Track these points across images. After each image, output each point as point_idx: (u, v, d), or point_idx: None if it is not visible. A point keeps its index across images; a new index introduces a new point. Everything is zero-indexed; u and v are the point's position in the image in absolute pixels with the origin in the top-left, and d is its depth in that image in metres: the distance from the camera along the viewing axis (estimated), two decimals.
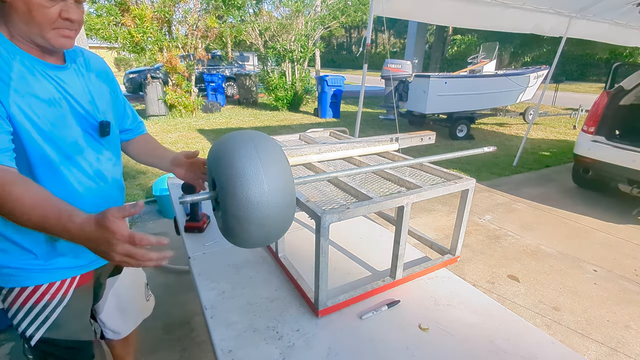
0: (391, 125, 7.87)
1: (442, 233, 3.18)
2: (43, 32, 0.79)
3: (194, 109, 8.48)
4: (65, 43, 0.83)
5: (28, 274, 0.90)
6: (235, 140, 0.79)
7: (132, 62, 21.37)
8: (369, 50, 3.65)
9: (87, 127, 0.92)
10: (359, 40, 38.91)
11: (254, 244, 0.81)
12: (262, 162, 0.74)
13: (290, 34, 9.80)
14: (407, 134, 1.46)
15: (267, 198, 0.72)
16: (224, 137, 0.82)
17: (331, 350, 0.86)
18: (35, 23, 0.77)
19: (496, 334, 0.92)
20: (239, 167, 0.72)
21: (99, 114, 0.95)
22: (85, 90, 0.93)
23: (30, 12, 0.75)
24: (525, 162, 5.46)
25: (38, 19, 0.77)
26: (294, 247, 1.31)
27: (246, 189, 0.71)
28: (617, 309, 2.26)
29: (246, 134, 0.81)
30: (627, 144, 3.51)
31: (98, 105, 0.96)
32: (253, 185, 0.72)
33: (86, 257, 0.99)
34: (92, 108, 0.93)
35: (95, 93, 0.96)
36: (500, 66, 13.29)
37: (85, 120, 0.91)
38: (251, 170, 0.72)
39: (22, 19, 0.77)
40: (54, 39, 0.80)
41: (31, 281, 0.91)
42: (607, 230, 3.32)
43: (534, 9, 4.34)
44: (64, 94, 0.87)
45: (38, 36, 0.79)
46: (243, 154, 0.74)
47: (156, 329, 1.96)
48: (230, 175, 0.73)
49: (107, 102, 1.01)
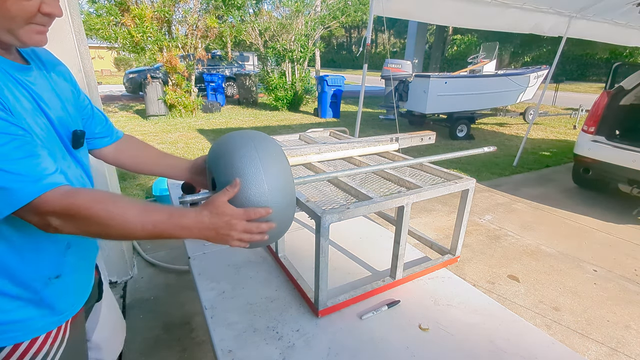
0: (391, 125, 7.87)
1: (442, 233, 3.18)
2: (15, 28, 0.65)
3: (193, 109, 8.48)
4: (40, 40, 0.70)
5: (25, 326, 0.74)
6: (235, 140, 0.78)
7: (132, 62, 21.38)
8: (369, 50, 3.65)
9: (63, 139, 0.77)
10: (359, 40, 38.92)
11: (254, 244, 0.81)
12: (262, 162, 0.74)
13: (290, 34, 9.81)
14: (407, 134, 1.46)
15: (267, 198, 0.72)
16: (223, 137, 0.82)
17: (331, 350, 0.86)
18: (9, 16, 0.63)
19: (496, 334, 0.92)
20: (239, 167, 0.72)
21: (71, 122, 0.80)
22: (54, 94, 0.78)
23: (4, 2, 0.62)
24: (525, 162, 5.46)
25: (13, 12, 0.63)
26: (294, 247, 1.31)
27: (246, 188, 0.71)
28: (617, 309, 2.26)
29: (246, 134, 0.81)
30: (627, 144, 3.51)
31: (69, 110, 0.80)
32: (253, 185, 0.72)
33: (80, 293, 0.88)
34: (64, 115, 0.78)
35: (62, 95, 0.80)
36: (500, 66, 13.29)
37: (59, 132, 0.76)
38: (251, 170, 0.72)
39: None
40: (26, 36, 0.67)
41: (27, 335, 0.75)
42: (607, 230, 3.32)
43: (534, 9, 4.34)
44: (39, 103, 0.71)
45: (6, 32, 0.65)
46: (243, 154, 0.74)
47: (156, 329, 1.96)
48: (231, 175, 0.73)
49: (73, 104, 0.84)
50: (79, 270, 0.86)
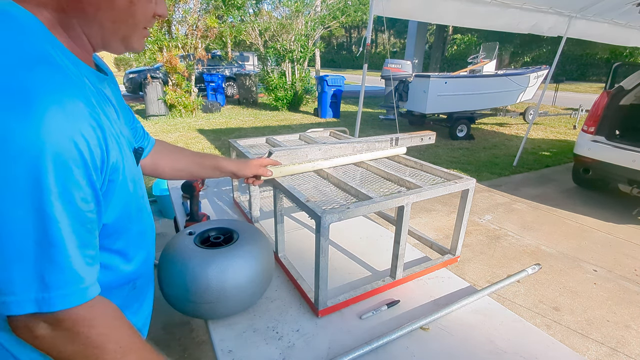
0: (391, 125, 7.87)
1: (442, 233, 3.18)
2: (131, 33, 0.57)
3: (193, 108, 8.48)
4: (144, 45, 0.62)
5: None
6: None
7: (132, 62, 21.36)
8: (369, 50, 3.65)
9: None
10: (359, 40, 38.88)
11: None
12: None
13: (290, 34, 9.80)
14: (407, 134, 1.45)
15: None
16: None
17: (331, 350, 0.86)
18: (132, 21, 0.55)
19: (496, 334, 0.92)
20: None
21: (131, 138, 0.67)
22: (121, 105, 0.67)
23: (132, 5, 0.54)
24: (525, 162, 5.46)
25: (138, 16, 0.55)
26: (294, 247, 1.31)
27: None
28: (617, 309, 2.25)
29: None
30: (627, 144, 3.51)
31: (127, 124, 0.69)
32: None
33: None
34: (128, 131, 0.66)
35: (121, 107, 0.67)
36: (500, 66, 13.30)
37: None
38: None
39: (110, 14, 0.53)
40: (138, 42, 0.59)
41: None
42: (607, 230, 3.32)
43: (534, 9, 4.34)
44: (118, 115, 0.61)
45: (120, 38, 0.56)
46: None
47: (156, 329, 1.96)
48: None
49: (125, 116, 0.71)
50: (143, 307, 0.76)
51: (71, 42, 0.53)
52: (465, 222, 1.18)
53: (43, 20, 0.49)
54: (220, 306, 0.88)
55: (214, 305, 0.87)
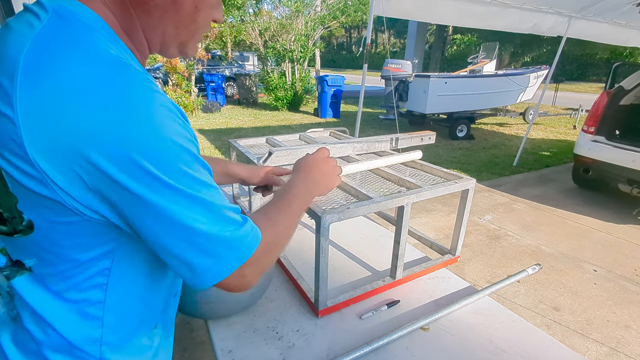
0: (391, 125, 7.87)
1: (442, 233, 3.18)
2: (190, 39, 0.56)
3: (193, 108, 8.49)
4: (197, 51, 0.59)
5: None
6: None
7: None
8: (369, 50, 3.66)
9: None
10: (359, 40, 38.89)
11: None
12: None
13: (290, 34, 9.81)
14: (407, 134, 1.45)
15: None
16: None
17: (331, 350, 0.86)
18: (193, 27, 0.54)
19: (496, 334, 0.92)
20: None
21: None
22: None
23: (197, 11, 0.52)
24: (525, 162, 5.46)
25: (200, 22, 0.54)
26: (294, 247, 1.31)
27: None
28: (617, 309, 2.25)
29: None
30: (627, 144, 3.52)
31: None
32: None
33: None
34: None
35: None
36: (500, 66, 13.29)
37: None
38: None
39: (175, 19, 0.51)
40: (194, 48, 0.59)
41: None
42: (607, 230, 3.32)
43: (533, 9, 4.34)
44: None
45: (179, 43, 0.55)
46: None
47: None
48: None
49: None
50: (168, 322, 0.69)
51: (132, 46, 0.52)
52: (465, 222, 1.18)
53: (109, 22, 0.47)
54: (220, 306, 0.88)
55: (214, 305, 0.87)
